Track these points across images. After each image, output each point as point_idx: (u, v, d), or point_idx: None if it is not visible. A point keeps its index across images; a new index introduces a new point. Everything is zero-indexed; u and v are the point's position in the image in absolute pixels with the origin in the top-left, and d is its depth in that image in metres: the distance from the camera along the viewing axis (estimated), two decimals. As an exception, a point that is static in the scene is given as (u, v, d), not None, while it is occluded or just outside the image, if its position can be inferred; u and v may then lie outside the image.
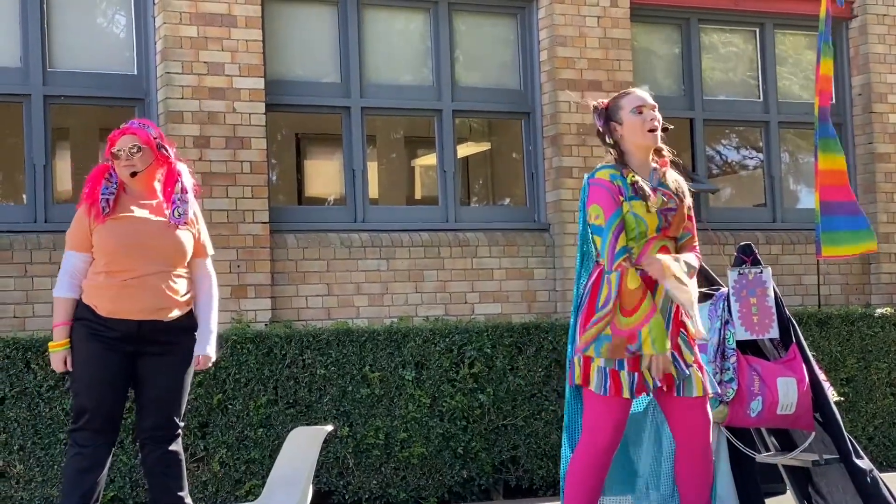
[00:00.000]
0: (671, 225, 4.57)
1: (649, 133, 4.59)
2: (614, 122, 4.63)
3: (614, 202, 4.49)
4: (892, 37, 9.42)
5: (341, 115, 8.18)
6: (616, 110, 4.64)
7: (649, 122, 4.58)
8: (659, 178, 4.63)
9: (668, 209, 4.57)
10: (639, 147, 4.62)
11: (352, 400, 7.17)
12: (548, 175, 8.49)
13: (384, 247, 7.98)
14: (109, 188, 4.93)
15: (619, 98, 4.69)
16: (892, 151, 9.36)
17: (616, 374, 4.45)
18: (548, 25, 8.47)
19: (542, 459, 7.54)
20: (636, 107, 4.60)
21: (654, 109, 4.63)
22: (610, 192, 4.51)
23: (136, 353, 4.93)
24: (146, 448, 5.01)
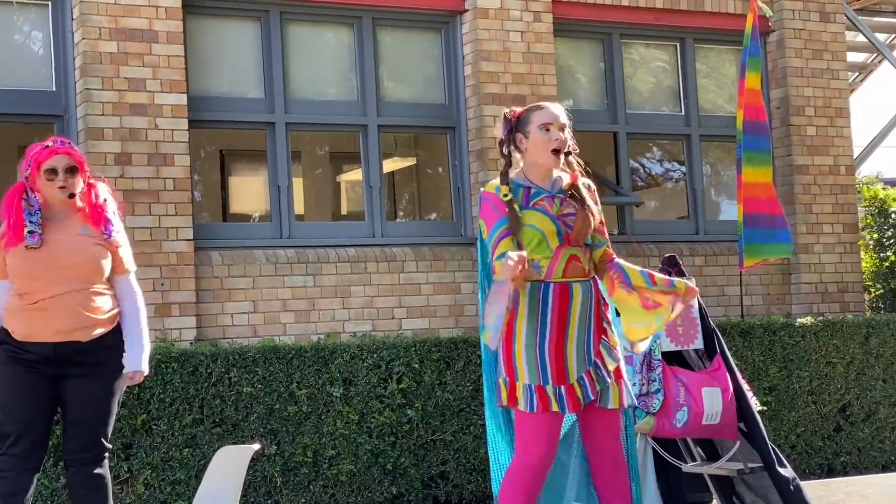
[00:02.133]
0: (574, 230, 4.50)
1: (551, 154, 4.53)
2: (520, 134, 4.59)
3: (497, 213, 4.46)
4: (809, 51, 9.60)
5: (266, 131, 8.12)
6: (525, 123, 4.59)
7: (553, 142, 4.52)
8: (561, 186, 4.59)
9: (567, 214, 4.51)
10: (539, 164, 4.58)
11: (279, 418, 7.10)
12: (474, 189, 8.51)
13: (310, 263, 7.93)
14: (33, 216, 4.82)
15: (531, 111, 4.64)
16: (809, 163, 9.53)
17: (542, 389, 4.41)
18: (472, 40, 8.50)
19: (471, 474, 7.53)
20: (544, 123, 4.53)
21: (562, 130, 4.56)
22: (493, 204, 4.49)
23: (59, 375, 4.83)
24: (71, 469, 4.91)
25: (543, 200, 4.51)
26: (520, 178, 4.60)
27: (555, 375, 4.43)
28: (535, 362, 4.43)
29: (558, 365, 4.44)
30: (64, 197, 4.87)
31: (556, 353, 4.44)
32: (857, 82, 13.36)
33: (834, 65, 9.70)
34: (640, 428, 5.12)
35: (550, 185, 4.57)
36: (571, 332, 4.46)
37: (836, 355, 8.68)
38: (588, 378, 4.46)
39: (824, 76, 9.63)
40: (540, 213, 4.47)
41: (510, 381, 4.47)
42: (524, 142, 4.58)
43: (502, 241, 4.40)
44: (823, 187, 9.59)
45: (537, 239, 4.44)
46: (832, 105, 9.66)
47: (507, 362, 4.49)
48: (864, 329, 8.85)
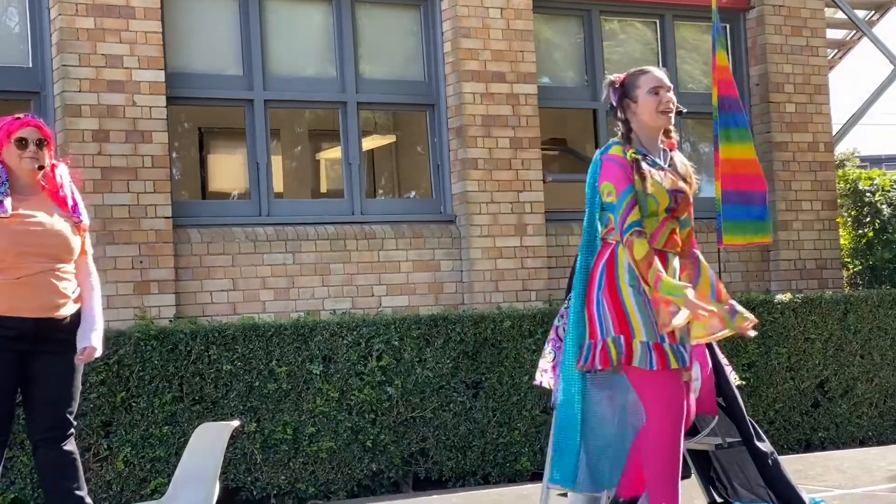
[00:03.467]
0: (679, 206, 4.59)
1: (662, 114, 4.60)
2: (628, 100, 4.63)
3: (626, 177, 4.48)
4: (788, 27, 9.62)
5: (244, 108, 8.08)
6: (632, 88, 4.63)
7: (664, 104, 4.59)
8: (669, 159, 4.66)
9: (678, 190, 4.59)
10: (650, 127, 4.62)
11: (259, 395, 7.10)
12: (453, 167, 8.50)
13: (290, 240, 7.92)
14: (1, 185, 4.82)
15: (637, 76, 4.67)
16: (788, 140, 9.56)
17: (659, 346, 4.43)
18: (451, 17, 8.47)
19: (450, 451, 7.55)
20: (653, 87, 4.60)
21: (669, 91, 4.63)
22: (622, 167, 4.50)
23: (30, 352, 4.82)
24: (41, 450, 4.89)
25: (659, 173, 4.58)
26: (636, 145, 4.63)
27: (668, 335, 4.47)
28: (650, 320, 4.46)
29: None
30: (33, 168, 4.88)
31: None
32: (837, 59, 13.37)
33: (813, 41, 9.72)
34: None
35: (660, 156, 4.64)
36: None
37: (815, 331, 8.74)
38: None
39: (804, 53, 9.64)
40: (659, 185, 4.54)
41: (626, 339, 4.46)
42: (632, 106, 4.63)
43: (633, 211, 4.45)
44: (802, 164, 9.62)
45: (651, 209, 4.51)
46: (811, 82, 9.68)
47: (618, 321, 4.47)
48: (843, 305, 8.90)
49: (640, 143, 4.62)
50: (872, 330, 9.01)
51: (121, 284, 7.33)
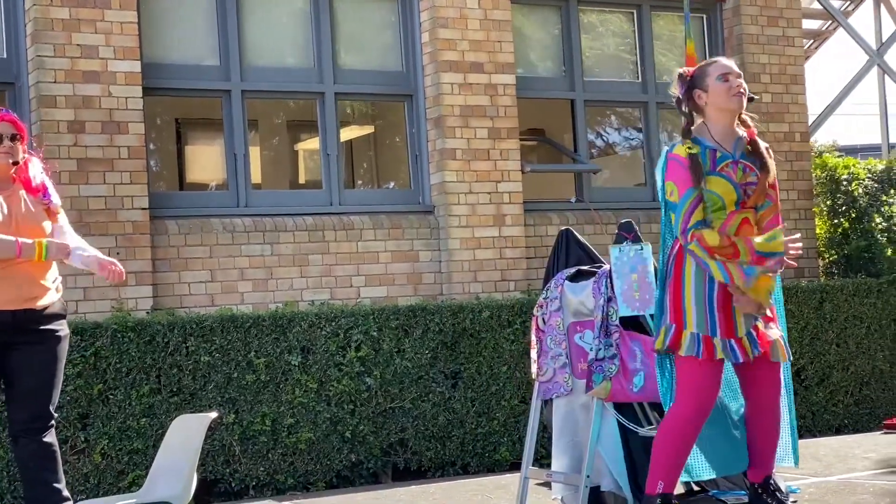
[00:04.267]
0: (752, 198, 4.66)
1: (734, 97, 4.66)
2: (699, 90, 4.71)
3: (688, 178, 4.58)
4: (765, 18, 9.64)
5: (221, 99, 8.05)
6: (702, 78, 4.72)
7: (735, 88, 4.66)
8: (743, 148, 4.71)
9: (749, 183, 4.65)
10: (723, 112, 4.68)
11: (237, 386, 7.08)
12: (431, 157, 8.49)
13: (268, 231, 7.90)
14: None
15: (706, 66, 4.77)
16: (765, 130, 9.57)
17: (709, 339, 4.56)
18: (429, 7, 8.45)
19: (430, 441, 7.56)
20: (722, 74, 4.67)
21: (739, 77, 4.71)
22: (684, 168, 4.59)
23: (8, 343, 4.80)
24: (21, 441, 4.87)
25: (728, 167, 4.64)
26: (705, 137, 4.69)
27: (723, 328, 4.58)
28: (704, 313, 4.59)
29: (727, 318, 4.59)
30: (7, 163, 4.87)
31: (724, 307, 4.59)
32: (812, 49, 13.43)
33: (789, 32, 9.75)
34: (597, 393, 5.15)
35: (733, 147, 4.69)
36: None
37: (791, 320, 8.77)
38: (756, 332, 4.63)
39: (780, 43, 9.68)
40: (725, 180, 4.61)
41: (677, 328, 4.62)
42: (703, 96, 4.70)
43: (696, 211, 4.55)
44: (779, 154, 9.64)
45: (718, 205, 4.60)
46: (787, 72, 9.72)
47: (675, 309, 4.63)
48: (819, 294, 8.95)
49: (710, 134, 4.68)
50: (848, 319, 9.07)
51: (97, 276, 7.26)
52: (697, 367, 4.59)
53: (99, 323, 6.87)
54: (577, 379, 5.37)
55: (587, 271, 5.48)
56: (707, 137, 4.70)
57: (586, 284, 5.38)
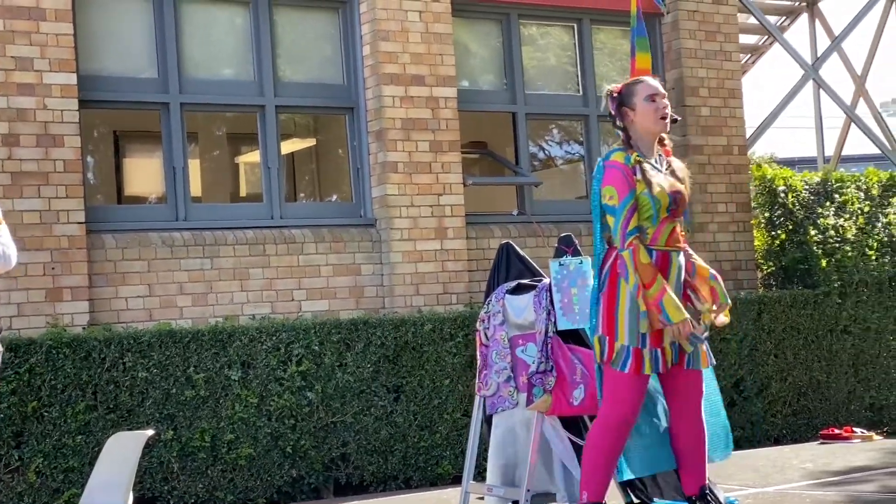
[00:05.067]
0: (679, 206, 4.76)
1: (661, 120, 4.79)
2: (626, 108, 4.81)
3: (628, 184, 4.67)
4: (703, 32, 9.75)
5: (160, 112, 7.97)
6: (629, 96, 4.83)
7: (661, 111, 4.77)
8: (665, 163, 4.84)
9: (677, 191, 4.75)
10: (648, 133, 4.81)
11: (176, 402, 7.00)
12: (373, 170, 8.47)
13: (207, 245, 7.82)
14: None
15: (633, 85, 4.87)
16: (703, 143, 9.69)
17: (638, 351, 4.63)
18: (370, 20, 8.44)
19: (372, 455, 7.52)
20: (649, 95, 4.79)
21: (665, 98, 4.83)
22: (624, 174, 4.68)
23: None
24: None
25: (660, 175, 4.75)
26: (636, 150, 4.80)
27: (652, 338, 4.65)
28: (636, 326, 4.64)
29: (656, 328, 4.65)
30: None
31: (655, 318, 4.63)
32: (750, 64, 13.61)
33: (727, 46, 9.87)
34: (537, 406, 5.15)
35: (657, 161, 4.82)
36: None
37: (730, 331, 8.86)
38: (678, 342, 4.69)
39: (717, 58, 9.79)
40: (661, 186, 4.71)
41: (609, 340, 4.67)
42: (630, 114, 4.82)
43: (633, 217, 4.64)
44: (717, 167, 9.76)
45: (651, 211, 4.69)
46: (725, 86, 9.83)
47: (607, 322, 4.69)
48: (757, 306, 9.05)
49: (638, 149, 4.80)
50: (786, 330, 9.18)
51: (32, 291, 7.17)
52: (625, 378, 4.65)
53: (33, 339, 6.75)
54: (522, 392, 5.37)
55: (527, 285, 5.49)
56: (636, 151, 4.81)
57: (527, 298, 5.39)
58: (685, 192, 4.83)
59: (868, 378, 9.57)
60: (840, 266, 9.52)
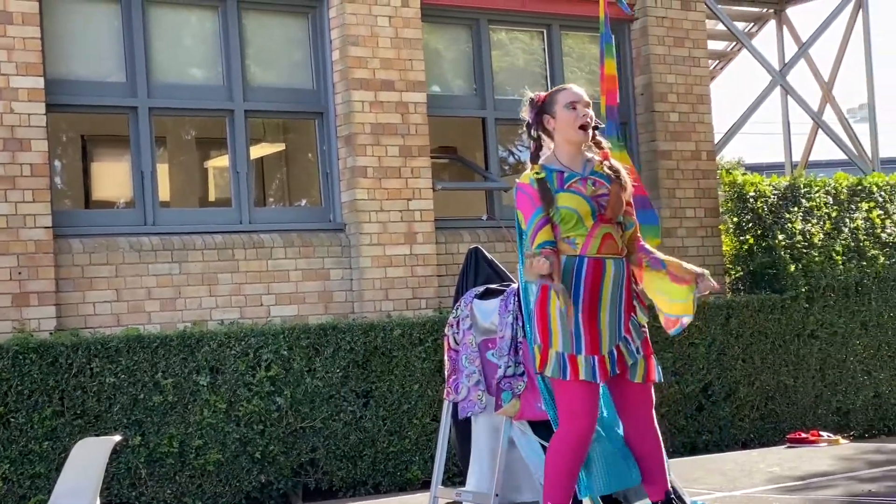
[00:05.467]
0: (608, 209, 4.68)
1: (580, 129, 4.73)
2: (548, 115, 4.77)
3: (531, 202, 4.63)
4: (671, 38, 9.81)
5: (128, 116, 7.94)
6: (551, 104, 4.78)
7: (581, 119, 4.72)
8: (593, 167, 4.77)
9: (601, 195, 4.69)
10: (569, 141, 4.75)
11: (143, 408, 6.97)
12: (342, 175, 8.47)
13: (176, 250, 7.79)
14: None
15: (556, 93, 4.82)
16: (672, 149, 9.74)
17: (574, 358, 4.58)
18: (339, 25, 8.44)
19: (341, 461, 7.51)
20: (570, 102, 4.74)
21: (587, 107, 4.77)
22: (528, 195, 4.65)
23: None
24: None
25: (577, 183, 4.70)
26: (552, 163, 4.76)
27: (588, 345, 4.60)
28: (569, 332, 4.60)
29: (591, 335, 4.62)
30: None
31: (590, 325, 4.61)
32: (718, 70, 13.70)
33: (695, 52, 9.93)
34: (506, 411, 5.16)
35: (582, 167, 4.75)
36: (604, 306, 4.64)
37: (699, 336, 8.91)
38: (617, 352, 4.66)
39: (686, 63, 9.85)
40: (575, 195, 4.66)
41: (544, 348, 4.64)
42: (552, 122, 4.76)
43: (540, 232, 4.61)
44: (686, 172, 9.81)
45: (574, 220, 4.64)
46: (694, 92, 9.89)
47: (542, 330, 4.65)
48: (725, 311, 9.10)
49: (557, 158, 4.75)
50: (753, 334, 9.24)
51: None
52: (571, 389, 4.60)
53: (0, 344, 6.70)
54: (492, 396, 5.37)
55: (496, 289, 5.50)
56: (554, 162, 4.76)
57: (495, 303, 5.40)
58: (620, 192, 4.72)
59: (835, 382, 9.65)
60: (807, 271, 9.60)
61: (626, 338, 4.69)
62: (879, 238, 10.09)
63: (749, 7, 12.97)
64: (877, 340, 9.84)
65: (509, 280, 5.61)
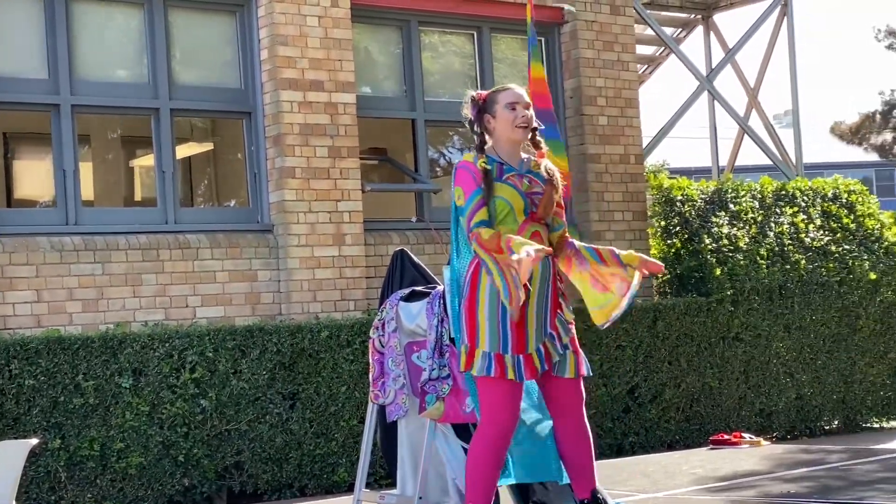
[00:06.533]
0: (539, 208, 4.72)
1: (518, 129, 4.76)
2: (488, 115, 4.80)
3: (475, 182, 4.66)
4: (601, 42, 9.87)
5: (50, 113, 7.80)
6: (491, 103, 4.81)
7: (520, 119, 4.76)
8: (529, 166, 4.81)
9: (534, 193, 4.73)
10: (508, 140, 4.79)
11: (64, 411, 6.85)
12: (270, 175, 8.40)
13: (99, 250, 7.67)
14: None
15: (497, 92, 4.86)
16: (601, 152, 9.81)
17: (500, 357, 4.59)
18: (268, 24, 8.37)
19: (266, 463, 7.45)
20: (510, 103, 4.77)
21: (527, 108, 4.81)
22: (471, 173, 4.68)
23: None
24: None
25: (514, 177, 4.74)
26: (492, 154, 4.79)
27: (515, 344, 4.62)
28: (497, 331, 4.62)
29: (519, 334, 4.63)
30: None
31: (517, 323, 4.62)
32: (647, 74, 13.83)
33: (624, 56, 10.00)
34: (430, 414, 5.15)
35: (518, 164, 4.80)
36: (531, 304, 4.65)
37: (626, 339, 8.98)
38: (544, 349, 4.68)
39: (615, 67, 9.92)
40: (511, 187, 4.70)
41: (470, 348, 4.65)
42: (492, 121, 4.80)
43: (479, 211, 4.63)
44: (615, 175, 9.88)
45: (506, 211, 4.67)
46: (622, 96, 9.96)
47: (469, 330, 4.66)
48: (652, 313, 9.18)
49: (497, 154, 4.79)
50: (679, 337, 9.33)
51: (-86, 297, 6.96)
52: (494, 386, 4.64)
53: (-86, 346, 6.55)
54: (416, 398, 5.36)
55: (421, 292, 5.48)
56: (494, 155, 4.81)
57: (420, 305, 5.39)
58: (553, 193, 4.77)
59: (758, 384, 9.78)
60: (733, 274, 9.71)
61: (552, 334, 4.72)
62: (803, 242, 10.25)
63: (677, 13, 13.12)
64: (799, 343, 9.99)
65: (435, 282, 5.60)
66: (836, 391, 10.18)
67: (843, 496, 5.75)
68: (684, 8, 12.96)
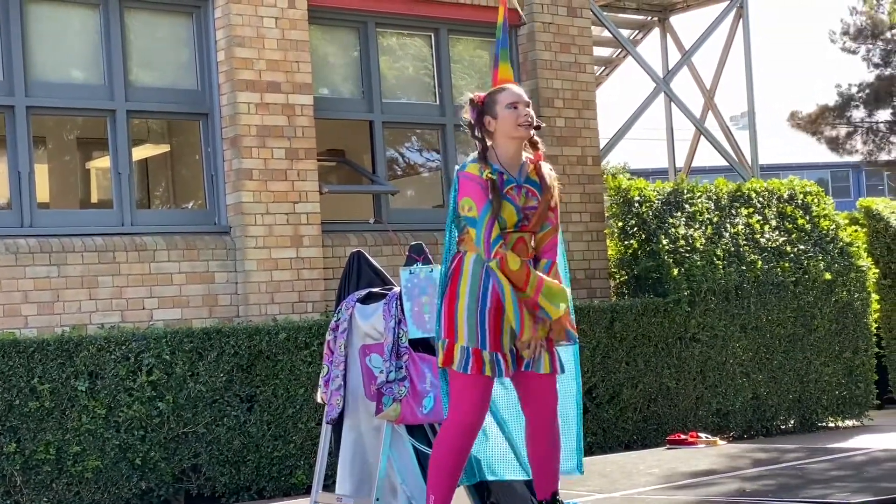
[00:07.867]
0: (531, 222, 4.73)
1: (521, 127, 4.73)
2: (488, 117, 4.77)
3: (485, 194, 4.65)
4: (558, 44, 9.92)
5: (5, 115, 7.73)
6: (492, 105, 4.78)
7: (522, 118, 4.73)
8: (527, 173, 4.77)
9: (529, 207, 4.73)
10: (510, 140, 4.75)
11: (19, 414, 6.79)
12: (228, 177, 8.37)
13: (54, 252, 7.61)
14: None
15: (496, 93, 4.83)
16: (558, 154, 9.81)
17: (478, 352, 4.62)
18: (224, 25, 8.34)
19: (224, 466, 7.42)
20: (511, 102, 4.75)
21: (527, 107, 4.79)
22: (480, 186, 4.66)
23: None
24: None
25: (513, 190, 4.71)
26: (493, 162, 4.76)
27: (492, 342, 4.64)
28: (475, 327, 4.64)
29: (495, 333, 4.66)
30: None
31: (495, 322, 4.65)
32: (604, 76, 13.91)
33: (581, 58, 10.06)
34: (387, 415, 5.16)
35: (518, 172, 4.77)
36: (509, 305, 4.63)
37: (584, 339, 9.02)
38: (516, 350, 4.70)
39: (572, 69, 9.97)
40: (509, 203, 4.69)
41: (449, 342, 4.66)
42: (493, 123, 4.76)
43: (494, 227, 4.63)
44: (572, 177, 9.93)
45: (500, 226, 4.67)
46: (580, 97, 10.02)
47: (448, 324, 4.68)
48: (609, 314, 9.23)
49: (498, 159, 4.76)
50: (637, 337, 9.39)
51: None
52: (468, 382, 4.67)
53: None
54: (370, 401, 5.37)
55: (378, 293, 5.49)
56: (495, 162, 4.78)
57: (377, 307, 5.40)
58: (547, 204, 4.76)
59: (715, 384, 9.86)
60: (689, 275, 9.78)
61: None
62: (758, 243, 10.34)
63: (634, 15, 13.20)
64: (755, 343, 10.08)
65: (391, 284, 5.61)
66: (791, 391, 10.28)
67: (799, 494, 5.81)
68: (641, 10, 13.05)
